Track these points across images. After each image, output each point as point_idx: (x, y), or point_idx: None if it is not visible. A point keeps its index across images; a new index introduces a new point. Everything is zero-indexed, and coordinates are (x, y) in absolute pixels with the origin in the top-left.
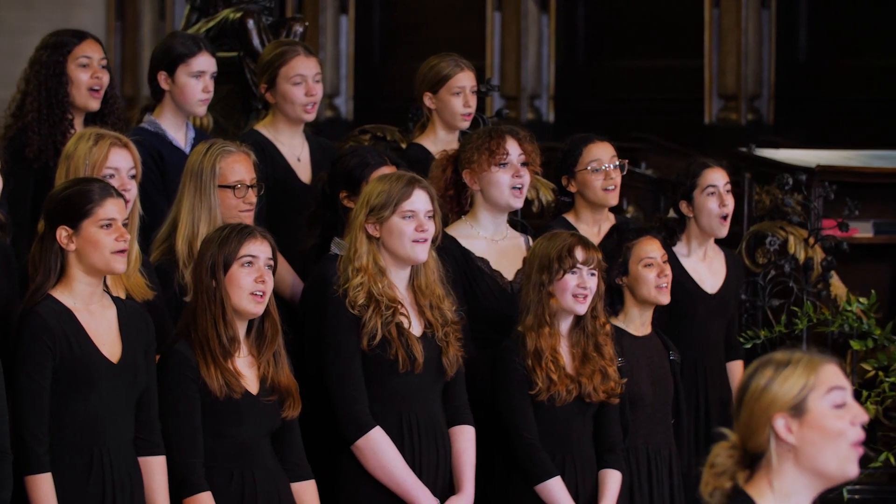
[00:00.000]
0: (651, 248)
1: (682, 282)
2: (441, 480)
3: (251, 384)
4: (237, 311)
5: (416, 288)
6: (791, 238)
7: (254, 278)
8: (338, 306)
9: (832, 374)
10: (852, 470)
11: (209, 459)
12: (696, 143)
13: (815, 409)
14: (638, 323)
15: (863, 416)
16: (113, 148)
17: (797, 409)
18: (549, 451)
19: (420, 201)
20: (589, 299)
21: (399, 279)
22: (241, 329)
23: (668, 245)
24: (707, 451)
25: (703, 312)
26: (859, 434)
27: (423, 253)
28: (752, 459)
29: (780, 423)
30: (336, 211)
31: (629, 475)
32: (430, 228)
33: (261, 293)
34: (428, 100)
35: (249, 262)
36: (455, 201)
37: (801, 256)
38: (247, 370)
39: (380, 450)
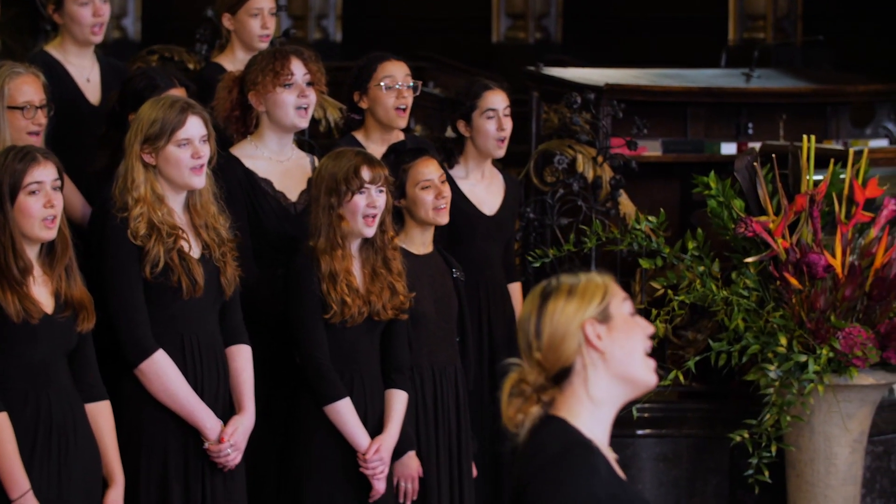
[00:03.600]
0: (428, 170)
1: (460, 203)
2: (222, 401)
3: (46, 303)
4: (29, 238)
5: (191, 209)
6: (579, 157)
7: (42, 204)
8: (119, 235)
9: (619, 287)
10: (654, 378)
11: (4, 381)
12: (483, 63)
13: (618, 314)
14: (419, 242)
15: (650, 328)
16: None
17: (603, 315)
18: (338, 371)
19: (194, 127)
20: (378, 219)
21: (176, 203)
22: (33, 252)
23: (445, 166)
24: (493, 371)
25: (482, 234)
26: (649, 345)
27: (200, 181)
28: (556, 380)
29: (590, 329)
30: (125, 132)
31: (414, 394)
32: (206, 153)
33: (51, 217)
34: (227, 20)
35: (36, 190)
36: (241, 122)
37: (590, 175)
38: (40, 288)
39: (163, 372)
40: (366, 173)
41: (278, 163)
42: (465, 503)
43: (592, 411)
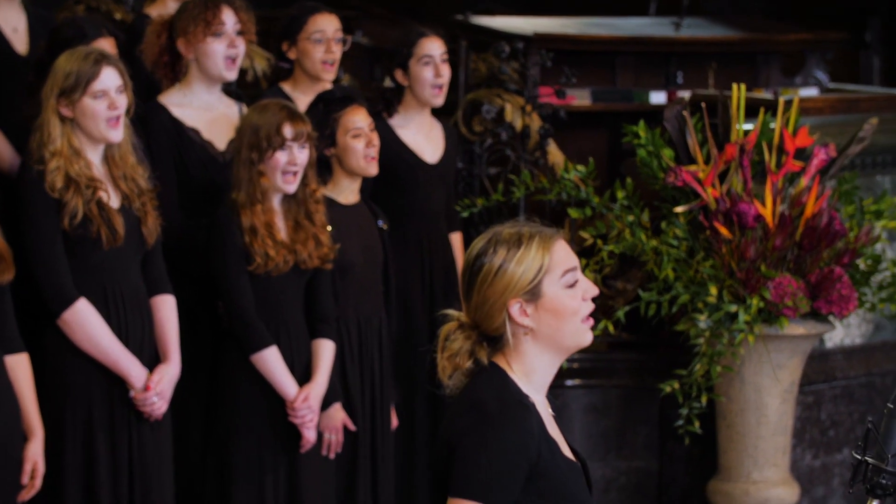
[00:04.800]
0: (358, 118)
1: (401, 153)
2: (147, 351)
3: None
4: None
5: (109, 160)
6: (508, 106)
7: None
8: (36, 188)
9: (564, 254)
10: (587, 339)
11: None
12: (411, 11)
13: (550, 292)
14: (347, 192)
15: (593, 291)
16: None
17: (532, 294)
18: (264, 321)
19: (109, 79)
20: (299, 176)
21: (94, 155)
22: None
23: (379, 114)
24: (434, 324)
25: (425, 183)
26: (590, 307)
27: (117, 134)
28: (490, 338)
29: (516, 308)
30: None
31: (340, 344)
32: (123, 104)
33: None
34: None
35: None
36: (169, 68)
37: (518, 124)
38: None
39: (86, 321)
40: (288, 130)
41: (206, 112)
42: (385, 454)
43: (525, 373)
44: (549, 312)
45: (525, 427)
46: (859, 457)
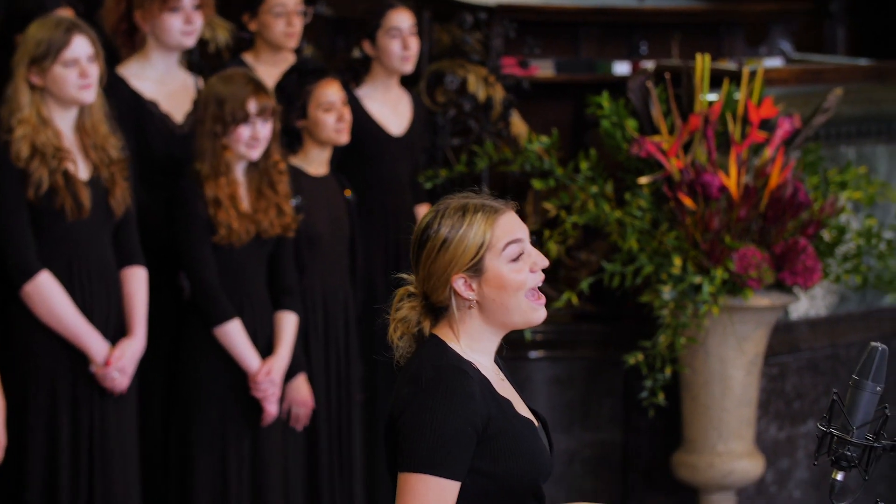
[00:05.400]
0: (331, 92)
1: (367, 124)
2: (112, 325)
3: None
4: None
5: (81, 129)
6: (471, 77)
7: None
8: (2, 158)
9: (508, 227)
10: (538, 316)
11: None
12: None
13: (492, 266)
14: (316, 163)
15: (542, 262)
16: None
17: (475, 269)
18: (227, 293)
19: (80, 47)
20: (262, 147)
21: (65, 123)
22: None
23: (349, 86)
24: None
25: (390, 154)
26: (538, 279)
27: (89, 95)
28: (436, 308)
29: (460, 282)
30: (13, 53)
31: (305, 316)
32: (94, 72)
33: None
34: None
35: None
36: (127, 36)
37: (482, 95)
38: None
39: (48, 294)
40: (252, 105)
41: (164, 84)
42: (350, 428)
43: (470, 339)
44: (493, 287)
45: (464, 392)
46: (824, 428)
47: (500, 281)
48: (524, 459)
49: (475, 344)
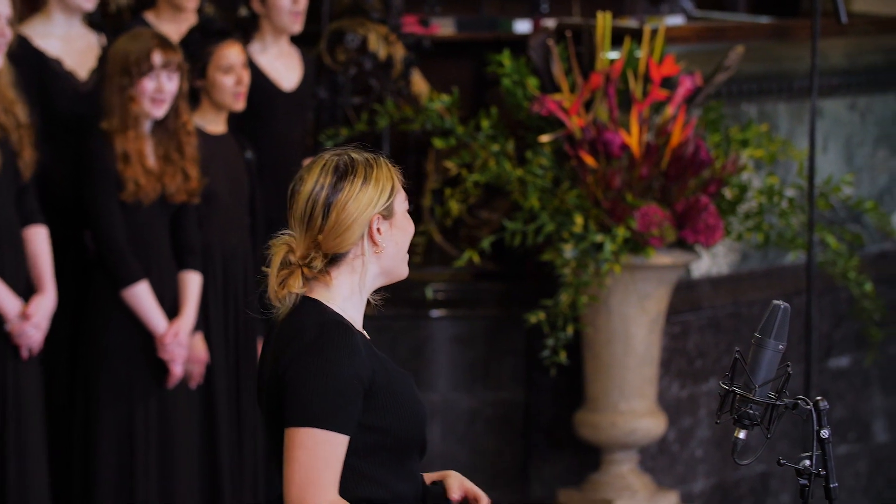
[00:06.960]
0: (231, 54)
1: (257, 79)
2: (21, 284)
3: None
4: None
5: None
6: (371, 35)
7: None
8: None
9: (398, 179)
10: (406, 270)
11: None
12: None
13: (399, 211)
14: (214, 122)
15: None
16: None
17: (388, 211)
18: (134, 253)
19: None
20: (167, 103)
21: None
22: None
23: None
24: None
25: (282, 110)
26: None
27: None
28: (327, 261)
29: (376, 223)
30: None
31: (204, 274)
32: (8, 34)
33: None
34: None
35: None
36: None
37: (382, 54)
38: None
39: None
40: (157, 58)
41: (67, 42)
42: (249, 386)
43: (349, 297)
44: (399, 231)
45: (349, 346)
46: (726, 387)
47: (403, 225)
48: (409, 411)
49: (353, 297)
